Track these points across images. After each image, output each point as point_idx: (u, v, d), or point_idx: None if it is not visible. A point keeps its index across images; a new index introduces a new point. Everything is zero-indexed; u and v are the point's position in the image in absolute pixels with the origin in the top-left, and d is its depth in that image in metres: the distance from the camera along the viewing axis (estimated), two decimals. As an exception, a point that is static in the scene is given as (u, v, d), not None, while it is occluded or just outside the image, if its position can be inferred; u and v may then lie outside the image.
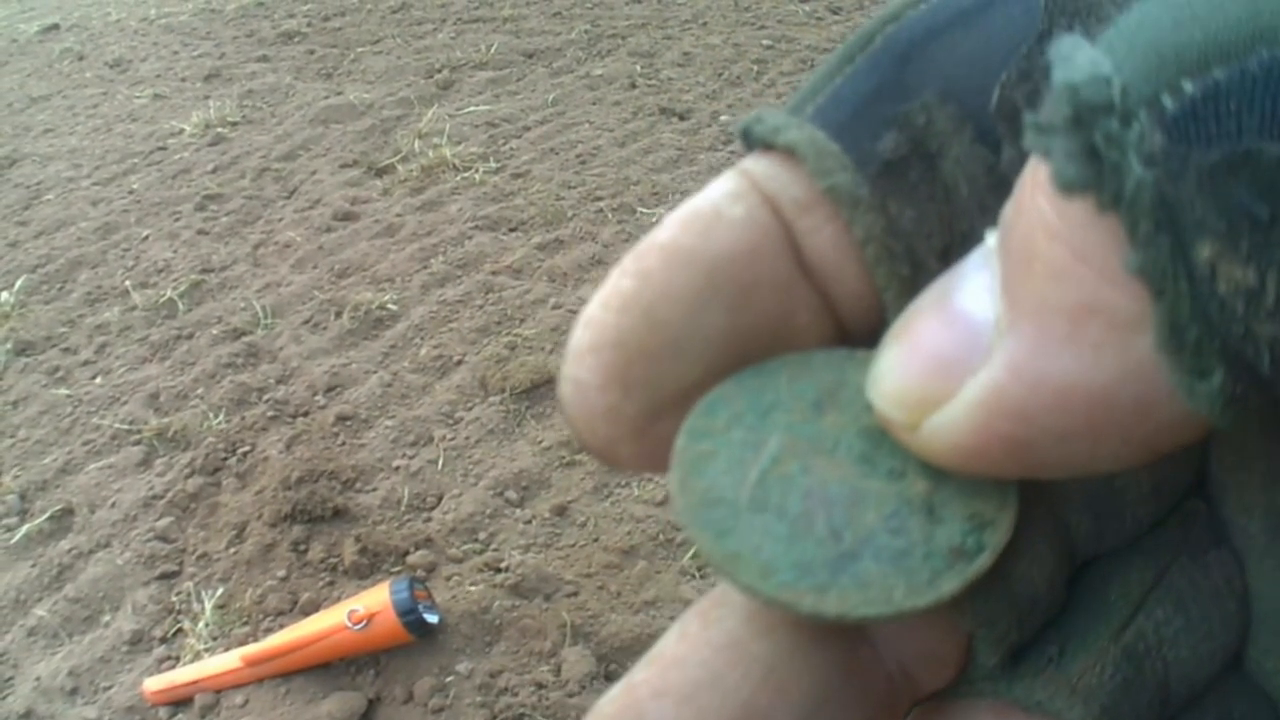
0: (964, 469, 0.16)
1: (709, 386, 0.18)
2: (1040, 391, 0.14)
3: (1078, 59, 0.13)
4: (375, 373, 2.38)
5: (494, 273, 2.70)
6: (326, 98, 3.78)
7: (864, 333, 0.18)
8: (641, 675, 0.17)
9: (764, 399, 0.18)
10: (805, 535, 0.17)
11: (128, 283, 2.82)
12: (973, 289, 0.15)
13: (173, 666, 1.75)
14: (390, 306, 2.58)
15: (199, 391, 2.37)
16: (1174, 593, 0.19)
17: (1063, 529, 0.19)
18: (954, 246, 0.17)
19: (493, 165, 3.23)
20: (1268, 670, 0.19)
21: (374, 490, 2.06)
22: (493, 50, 4.09)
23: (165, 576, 1.93)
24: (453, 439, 2.18)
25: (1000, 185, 0.16)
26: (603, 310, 0.17)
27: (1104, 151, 0.12)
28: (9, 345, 2.62)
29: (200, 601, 1.84)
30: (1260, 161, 0.12)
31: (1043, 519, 0.18)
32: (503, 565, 1.86)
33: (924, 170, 0.17)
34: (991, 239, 0.15)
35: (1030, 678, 0.18)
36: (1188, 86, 0.12)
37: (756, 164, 0.18)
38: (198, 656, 1.75)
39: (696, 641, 0.17)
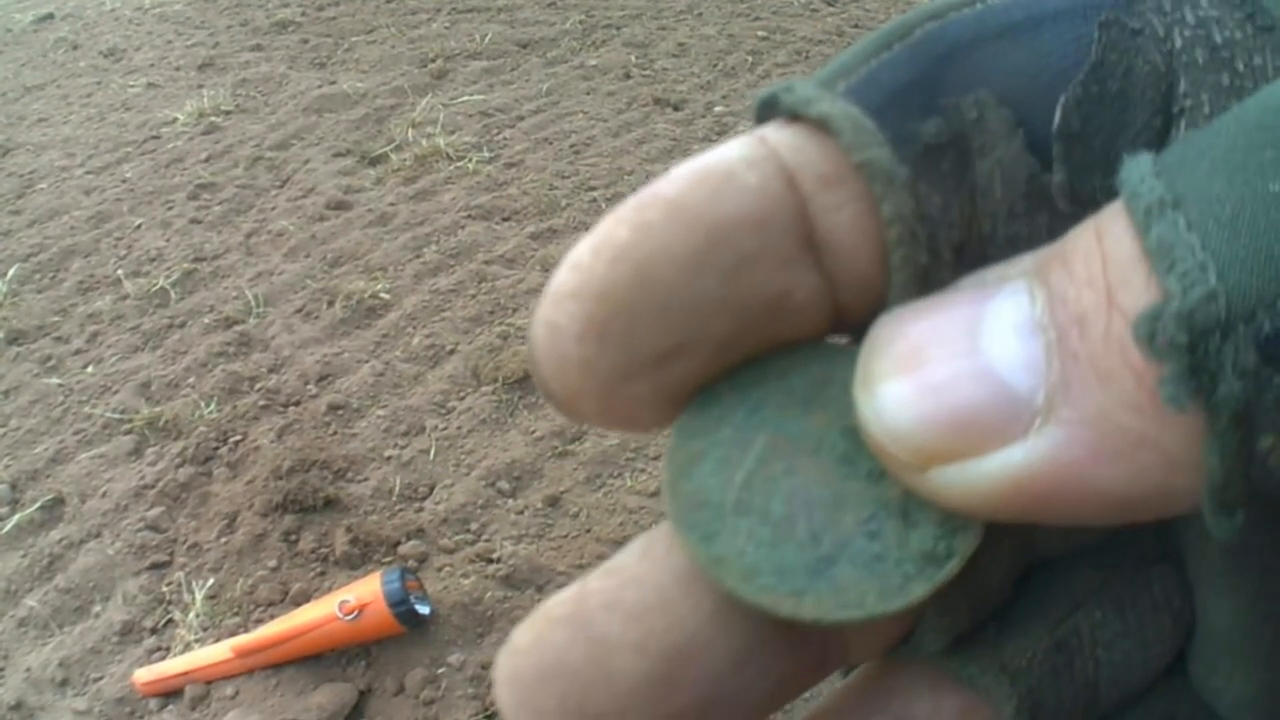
0: (959, 512, 0.16)
1: (689, 354, 0.17)
2: (1075, 489, 0.15)
3: (1179, 254, 0.14)
4: (367, 362, 2.38)
5: (487, 262, 2.69)
6: (320, 87, 3.76)
7: (858, 317, 0.18)
8: (597, 584, 0.18)
9: (752, 395, 0.18)
10: (786, 539, 0.17)
11: (120, 271, 2.81)
12: (1011, 355, 0.15)
13: (163, 657, 1.75)
14: (383, 296, 2.58)
15: (190, 380, 2.37)
16: (1114, 598, 0.20)
17: (1028, 533, 0.20)
18: (969, 244, 0.17)
19: (486, 155, 3.22)
20: (1213, 687, 0.20)
21: (365, 480, 2.06)
22: (487, 40, 4.08)
23: (156, 567, 1.93)
24: (445, 429, 2.18)
25: (1038, 197, 0.17)
26: (593, 256, 0.17)
27: (1203, 360, 0.13)
28: (1, 334, 2.61)
29: (191, 592, 1.84)
30: None
31: (1011, 524, 0.18)
32: (495, 556, 1.86)
33: (956, 163, 0.17)
34: (1027, 303, 0.15)
35: (964, 653, 0.19)
36: None
37: (779, 134, 0.18)
38: (188, 647, 1.74)
39: (657, 564, 0.18)
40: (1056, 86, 0.17)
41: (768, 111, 0.18)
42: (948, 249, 0.17)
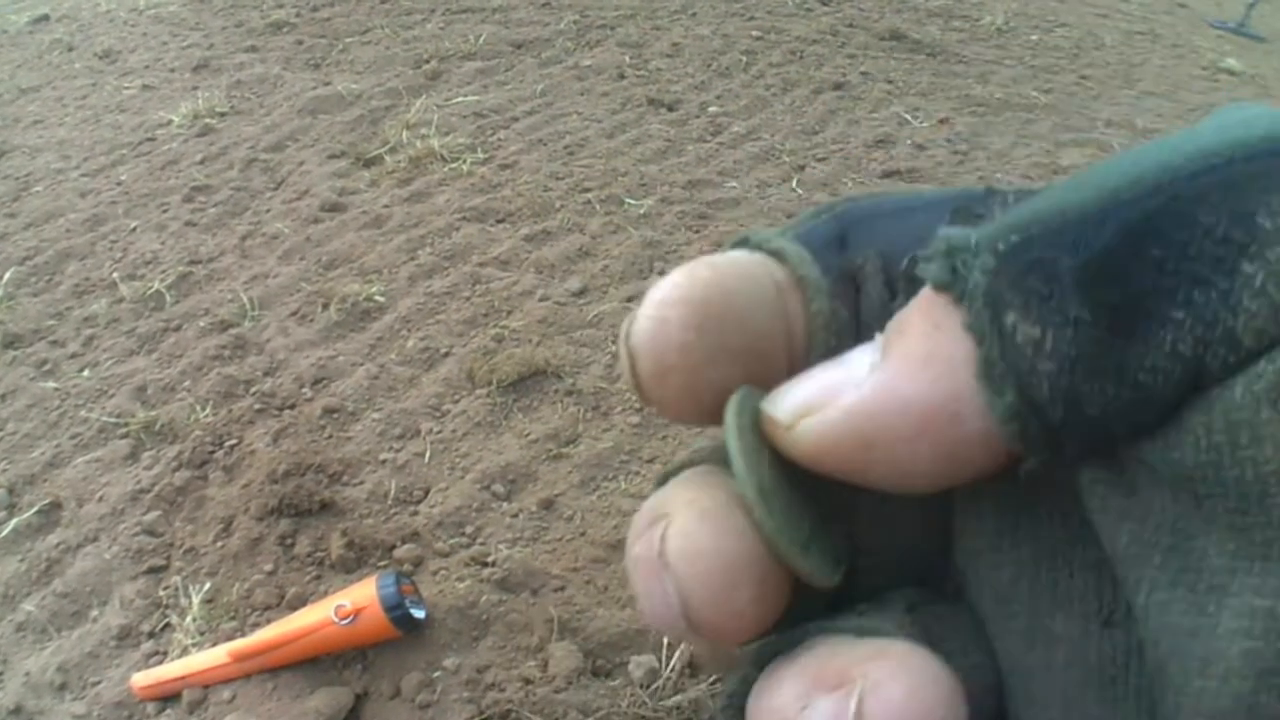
0: (820, 464, 0.21)
1: (746, 359, 0.24)
2: (891, 402, 0.20)
3: (954, 231, 0.21)
4: (362, 365, 2.38)
5: (481, 264, 2.70)
6: (315, 88, 3.77)
7: None
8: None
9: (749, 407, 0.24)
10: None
11: (115, 275, 2.82)
12: (859, 355, 0.21)
13: (160, 661, 1.76)
14: (377, 298, 2.58)
15: (186, 384, 2.37)
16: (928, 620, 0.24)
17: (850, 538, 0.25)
18: (864, 340, 0.23)
19: (480, 156, 3.23)
20: None
21: (361, 483, 2.07)
22: (481, 41, 4.08)
23: (153, 571, 1.94)
24: (440, 432, 2.19)
25: (889, 318, 0.23)
26: (688, 279, 0.23)
27: (959, 269, 0.20)
28: (-4, 338, 2.62)
29: (188, 596, 1.85)
30: (1043, 263, 0.19)
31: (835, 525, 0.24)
32: (489, 559, 1.87)
33: (854, 291, 0.25)
34: (879, 342, 0.22)
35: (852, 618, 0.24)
36: (1013, 237, 0.19)
37: (754, 255, 0.25)
38: (185, 651, 1.75)
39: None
40: (917, 247, 0.24)
41: (741, 245, 0.25)
42: (851, 341, 0.23)
